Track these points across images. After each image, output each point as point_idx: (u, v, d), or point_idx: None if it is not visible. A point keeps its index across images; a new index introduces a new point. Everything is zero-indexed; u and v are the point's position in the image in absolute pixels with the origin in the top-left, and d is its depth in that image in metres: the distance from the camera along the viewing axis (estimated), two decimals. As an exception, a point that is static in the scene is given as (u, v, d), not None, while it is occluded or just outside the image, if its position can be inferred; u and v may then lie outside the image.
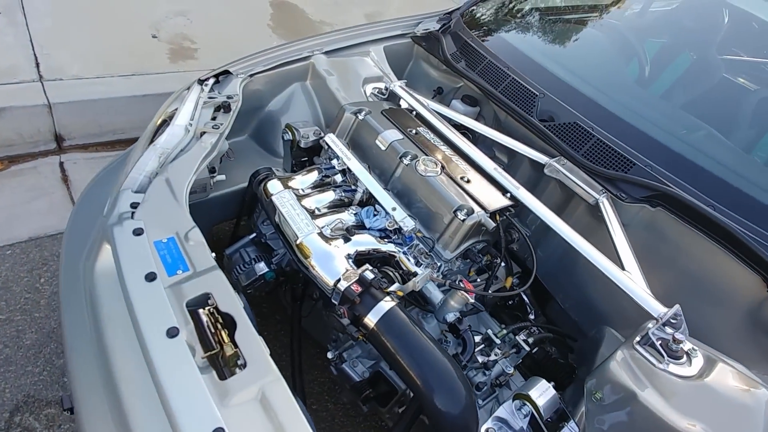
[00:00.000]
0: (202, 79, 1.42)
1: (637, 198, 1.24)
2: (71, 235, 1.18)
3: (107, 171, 1.38)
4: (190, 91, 1.36)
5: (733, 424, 0.87)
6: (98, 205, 1.22)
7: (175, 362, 0.80)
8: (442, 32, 1.79)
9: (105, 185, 1.32)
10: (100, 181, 1.35)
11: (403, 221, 1.10)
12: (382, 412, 1.24)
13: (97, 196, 1.27)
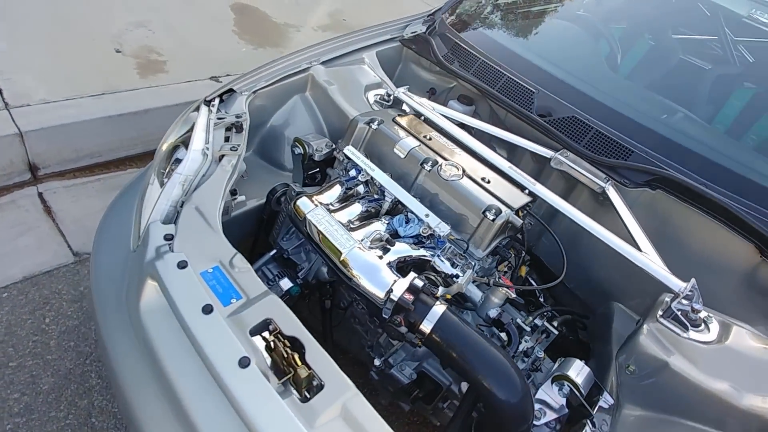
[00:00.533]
0: (208, 100, 1.40)
1: (638, 183, 1.35)
2: (99, 275, 1.15)
3: (117, 202, 1.35)
4: (199, 113, 1.34)
5: (756, 378, 0.99)
6: (119, 240, 1.20)
7: (254, 391, 0.82)
8: (430, 34, 1.84)
9: (119, 217, 1.28)
10: (113, 214, 1.31)
11: (438, 227, 1.15)
12: (427, 409, 1.30)
13: (116, 230, 1.24)
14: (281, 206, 1.37)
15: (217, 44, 3.20)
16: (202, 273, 0.99)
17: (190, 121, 1.38)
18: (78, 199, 2.11)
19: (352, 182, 1.33)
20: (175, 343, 0.94)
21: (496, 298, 1.16)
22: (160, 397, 0.91)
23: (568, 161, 1.41)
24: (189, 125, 1.37)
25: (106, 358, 1.02)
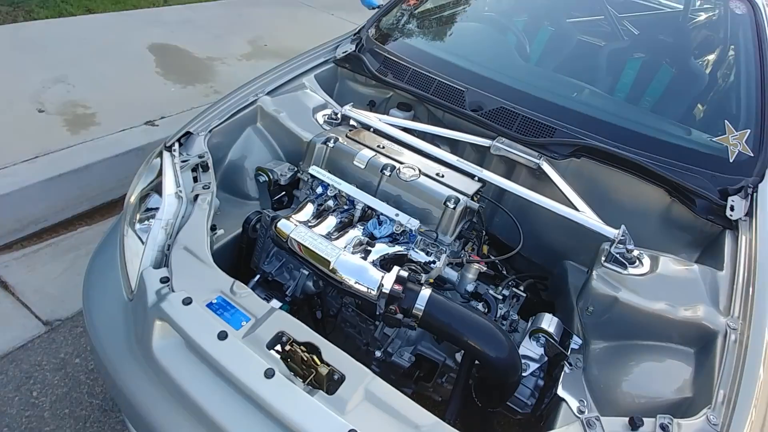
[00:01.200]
0: (169, 145, 1.45)
1: (565, 155, 1.57)
2: (97, 332, 1.17)
3: (96, 260, 1.36)
4: (163, 160, 1.40)
5: (683, 294, 1.21)
6: (109, 294, 1.23)
7: (285, 397, 0.91)
8: (360, 51, 1.99)
9: (102, 273, 1.31)
10: (94, 272, 1.33)
11: (408, 223, 1.29)
12: (427, 387, 1.43)
13: (102, 286, 1.27)
14: (258, 233, 1.45)
15: (144, 88, 3.17)
16: (208, 305, 1.06)
17: (153, 169, 1.43)
18: (33, 268, 2.04)
19: (321, 198, 1.44)
20: (196, 374, 1.01)
21: (470, 274, 1.32)
22: (196, 425, 0.97)
23: (504, 146, 1.61)
24: (154, 173, 1.42)
25: (129, 406, 1.06)
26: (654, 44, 2.17)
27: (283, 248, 1.29)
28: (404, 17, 2.22)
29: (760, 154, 1.57)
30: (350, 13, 5.39)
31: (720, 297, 1.21)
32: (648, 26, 2.36)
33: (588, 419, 0.94)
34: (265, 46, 4.30)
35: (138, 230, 1.33)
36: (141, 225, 1.34)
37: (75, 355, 1.68)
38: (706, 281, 1.25)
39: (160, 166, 1.40)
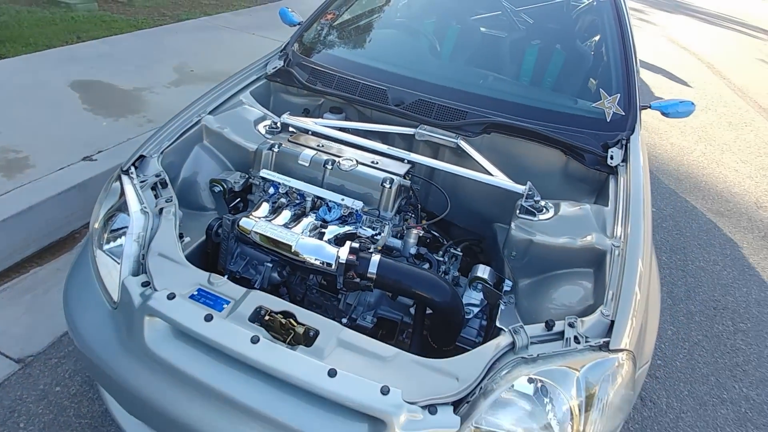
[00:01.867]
0: (125, 169, 1.57)
1: (477, 132, 1.86)
2: (87, 343, 1.27)
3: (71, 283, 1.44)
4: (122, 182, 1.52)
5: (582, 227, 1.51)
6: (92, 308, 1.34)
7: (272, 355, 1.09)
8: (288, 66, 2.19)
9: (79, 292, 1.41)
10: (72, 292, 1.41)
11: (353, 204, 1.50)
12: (391, 344, 1.64)
13: (83, 302, 1.37)
14: (221, 236, 1.61)
15: (74, 126, 3.17)
16: (191, 296, 1.22)
17: (114, 192, 1.54)
18: (-9, 314, 2.05)
19: (275, 197, 1.62)
20: (189, 354, 1.16)
21: (411, 239, 1.55)
22: (198, 398, 1.12)
23: (426, 132, 1.87)
24: (115, 196, 1.53)
25: (133, 398, 1.18)
26: (545, 31, 2.54)
27: (248, 243, 1.46)
28: (324, 30, 2.44)
29: (629, 113, 1.94)
30: (270, 31, 5.56)
31: (606, 225, 1.53)
32: (540, 16, 2.73)
33: (514, 328, 1.19)
34: (191, 71, 4.36)
35: (107, 250, 1.45)
36: (109, 245, 1.45)
37: (54, 384, 1.73)
38: (596, 215, 1.57)
39: (120, 189, 1.52)
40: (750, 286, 2.80)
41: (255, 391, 1.10)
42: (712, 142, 4.75)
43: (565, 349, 1.15)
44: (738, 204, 3.69)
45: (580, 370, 1.12)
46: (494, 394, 1.08)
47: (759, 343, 2.39)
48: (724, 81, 6.84)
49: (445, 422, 1.04)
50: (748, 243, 3.22)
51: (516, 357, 1.14)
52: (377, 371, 1.10)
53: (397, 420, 1.01)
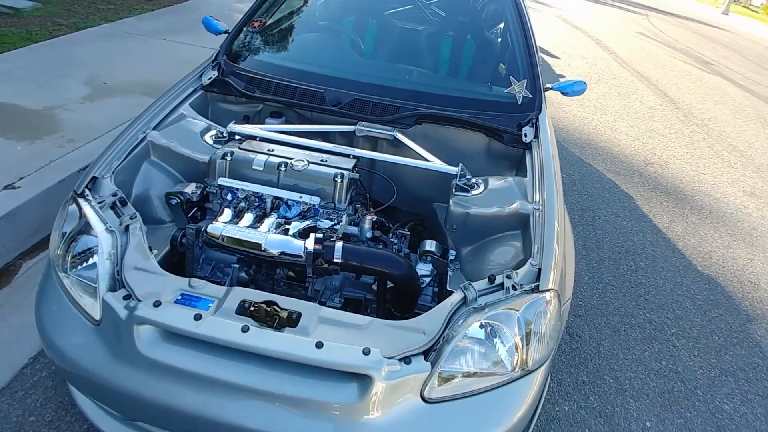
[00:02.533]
0: (79, 192, 1.60)
1: (410, 124, 2.08)
2: (76, 363, 1.32)
3: (42, 310, 1.46)
4: (80, 205, 1.55)
5: (508, 197, 1.79)
6: (71, 329, 1.39)
7: (263, 340, 1.23)
8: (224, 75, 2.26)
9: (53, 320, 1.44)
10: (44, 322, 1.43)
11: (311, 200, 1.66)
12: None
13: (60, 326, 1.41)
14: (185, 245, 1.69)
15: (-14, 153, 2.96)
16: (175, 301, 1.32)
17: (72, 216, 1.56)
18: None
19: (234, 202, 1.73)
20: (182, 353, 1.27)
21: (366, 225, 1.74)
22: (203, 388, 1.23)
23: (365, 128, 2.05)
24: (74, 220, 1.55)
25: (134, 402, 1.27)
26: (456, 23, 2.80)
27: (217, 247, 1.57)
28: (253, 38, 2.52)
29: (536, 95, 2.26)
30: (182, 35, 5.40)
31: (527, 193, 1.82)
32: (449, 8, 2.98)
33: (464, 285, 1.43)
34: (104, 84, 4.17)
35: (74, 273, 1.48)
36: (76, 269, 1.48)
37: (27, 415, 1.72)
38: (518, 186, 1.86)
39: (79, 212, 1.55)
40: (645, 231, 3.33)
41: (252, 373, 1.24)
42: (606, 111, 5.41)
43: (506, 296, 1.41)
44: (630, 164, 4.29)
45: (519, 310, 1.39)
46: (453, 341, 1.32)
47: (655, 276, 2.88)
48: (612, 55, 7.71)
49: (418, 368, 1.26)
50: (641, 195, 3.79)
51: (468, 308, 1.38)
52: (357, 338, 1.29)
53: (379, 373, 1.21)
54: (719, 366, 2.34)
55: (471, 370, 1.33)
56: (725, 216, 3.67)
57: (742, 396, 2.20)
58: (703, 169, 4.39)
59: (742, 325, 2.61)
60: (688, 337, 2.48)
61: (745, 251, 3.27)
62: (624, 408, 2.06)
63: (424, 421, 1.26)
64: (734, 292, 2.87)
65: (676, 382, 2.21)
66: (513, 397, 1.35)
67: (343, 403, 1.22)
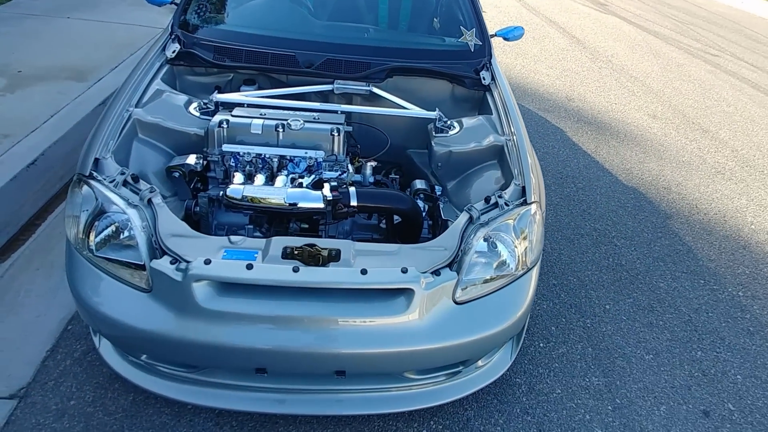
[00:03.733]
0: (85, 174, 1.60)
1: (382, 77, 2.24)
2: (141, 328, 1.40)
3: (82, 296, 1.48)
4: (94, 187, 1.56)
5: (482, 133, 2.05)
6: (124, 302, 1.46)
7: (314, 275, 1.41)
8: (187, 47, 2.24)
9: (99, 297, 1.48)
10: (89, 302, 1.47)
11: (316, 155, 1.80)
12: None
13: (111, 303, 1.46)
14: (200, 213, 1.77)
15: None
16: (223, 257, 1.44)
17: (87, 199, 1.57)
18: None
19: (240, 166, 1.82)
20: (241, 300, 1.41)
21: (368, 171, 1.93)
22: (267, 325, 1.39)
23: (342, 86, 2.19)
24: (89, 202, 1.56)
25: (208, 350, 1.39)
26: None
27: (240, 207, 1.67)
28: (207, 7, 2.49)
29: (485, 42, 2.50)
30: (85, 12, 4.97)
31: (497, 126, 2.09)
32: None
33: (468, 207, 1.68)
34: (19, 72, 3.80)
35: (102, 253, 1.52)
36: (104, 248, 1.52)
37: (67, 400, 1.76)
38: (488, 122, 2.12)
39: (93, 194, 1.56)
40: (578, 157, 3.81)
41: (307, 306, 1.42)
42: (525, 56, 5.85)
43: (502, 212, 1.68)
44: (555, 101, 4.76)
45: (515, 221, 1.67)
46: (470, 252, 1.57)
47: (593, 193, 3.36)
48: (521, 3, 8.18)
49: (448, 277, 1.50)
50: (569, 127, 4.27)
51: (475, 225, 1.64)
52: (392, 261, 1.50)
53: (419, 285, 1.44)
54: (651, 255, 2.86)
55: (486, 277, 1.60)
56: (637, 137, 4.27)
57: (672, 275, 2.73)
58: (614, 99, 4.99)
59: (663, 222, 3.18)
60: (625, 237, 2.98)
61: (656, 164, 3.87)
62: (587, 299, 2.49)
63: (458, 318, 1.52)
64: (653, 197, 3.43)
65: (622, 273, 2.69)
66: (520, 290, 1.65)
67: (394, 315, 1.44)
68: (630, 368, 2.16)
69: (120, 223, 1.51)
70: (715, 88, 5.72)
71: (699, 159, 4.05)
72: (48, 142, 2.94)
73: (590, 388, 2.05)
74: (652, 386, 2.10)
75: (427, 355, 1.49)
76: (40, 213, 2.73)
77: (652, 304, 2.52)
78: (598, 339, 2.28)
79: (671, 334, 2.37)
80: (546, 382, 2.04)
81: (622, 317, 2.42)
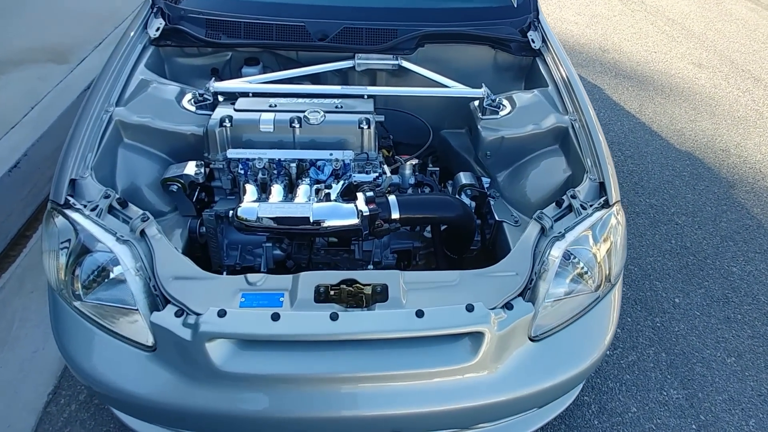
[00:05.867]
0: (61, 202, 1.28)
1: (413, 47, 1.85)
2: (142, 394, 1.14)
3: (70, 352, 1.22)
4: (72, 219, 1.25)
5: (540, 112, 1.67)
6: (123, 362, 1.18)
7: (359, 322, 1.11)
8: (173, 23, 1.85)
9: (92, 357, 1.21)
10: (81, 363, 1.20)
11: (344, 156, 1.46)
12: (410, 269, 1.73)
13: (107, 363, 1.19)
14: (207, 234, 1.46)
15: None
16: (241, 305, 1.14)
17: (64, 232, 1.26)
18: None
19: (252, 176, 1.49)
20: (267, 357, 1.12)
21: (407, 171, 1.58)
22: (301, 388, 1.11)
23: (365, 61, 1.80)
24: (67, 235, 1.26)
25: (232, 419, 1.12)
26: None
27: (255, 230, 1.35)
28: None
29: (529, -7, 2.06)
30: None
31: (557, 104, 1.71)
32: None
33: (537, 215, 1.35)
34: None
35: (92, 298, 1.23)
36: (92, 293, 1.23)
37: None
38: (545, 98, 1.74)
39: (72, 226, 1.25)
40: (621, 120, 3.40)
41: (351, 360, 1.13)
42: (548, 1, 5.26)
43: (579, 218, 1.35)
44: (588, 53, 4.27)
45: (594, 229, 1.34)
46: (546, 275, 1.26)
47: (644, 162, 2.98)
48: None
49: (522, 311, 1.20)
50: (607, 84, 3.82)
51: (549, 238, 1.31)
52: (452, 295, 1.19)
53: (490, 327, 1.14)
54: (718, 234, 2.52)
55: (562, 296, 1.29)
56: (684, 91, 3.81)
57: (744, 256, 2.40)
58: (653, 48, 4.47)
59: (726, 192, 2.81)
60: (686, 213, 2.63)
61: (709, 122, 3.45)
62: (653, 291, 2.18)
63: (535, 359, 1.23)
64: (711, 162, 3.05)
65: (689, 257, 2.37)
66: (604, 314, 1.35)
67: (459, 363, 1.15)
68: (711, 375, 1.89)
69: (105, 263, 1.21)
70: (760, 28, 5.12)
71: (755, 113, 3.61)
72: (30, 140, 2.60)
73: (669, 404, 1.78)
74: (738, 396, 1.83)
75: (499, 407, 1.21)
76: (30, 223, 2.44)
77: (726, 294, 2.21)
78: (671, 341, 1.99)
79: (752, 330, 2.07)
80: (618, 399, 1.78)
81: (695, 312, 2.12)
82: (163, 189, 1.51)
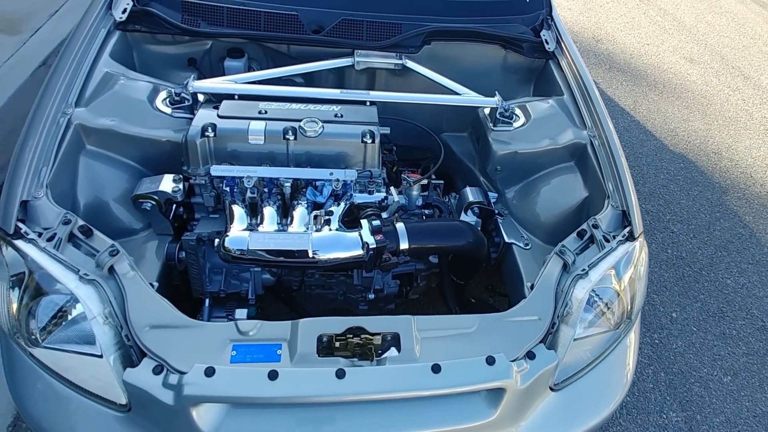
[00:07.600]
0: (9, 234, 1.07)
1: (418, 45, 1.66)
2: None
3: (27, 409, 1.04)
4: (22, 252, 1.04)
5: (555, 124, 1.54)
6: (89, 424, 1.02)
7: (369, 380, 0.98)
8: (143, 4, 1.60)
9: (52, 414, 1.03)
10: (39, 419, 1.03)
11: (346, 176, 1.29)
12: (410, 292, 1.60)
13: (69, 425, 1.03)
14: (186, 260, 1.29)
15: None
16: (232, 360, 0.98)
17: (15, 265, 1.06)
18: None
19: (239, 196, 1.30)
20: (263, 419, 0.98)
21: (415, 192, 1.43)
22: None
23: (365, 59, 1.61)
24: (17, 270, 1.06)
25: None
26: None
27: (244, 262, 1.19)
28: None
29: (541, -13, 1.89)
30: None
31: (574, 116, 1.58)
32: None
33: (560, 249, 1.23)
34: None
35: (51, 343, 1.05)
36: (51, 336, 1.05)
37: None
38: (562, 108, 1.60)
39: (21, 260, 1.05)
40: (616, 116, 3.31)
41: (359, 419, 1.00)
42: (542, -16, 5.07)
43: (604, 253, 1.24)
44: (582, 42, 4.13)
45: (618, 265, 1.24)
46: (571, 318, 1.15)
47: (639, 164, 2.92)
48: None
49: (545, 360, 1.09)
50: (602, 78, 3.71)
51: (572, 276, 1.20)
52: (471, 345, 1.07)
53: (513, 382, 1.03)
54: (712, 243, 2.50)
55: (582, 335, 1.19)
56: (677, 87, 3.75)
57: (738, 267, 2.39)
58: (646, 39, 4.37)
59: (719, 198, 2.79)
60: (681, 220, 2.59)
61: (701, 122, 3.41)
62: (651, 305, 2.14)
63: (557, 411, 1.13)
64: (704, 165, 3.01)
65: (685, 268, 2.34)
66: (624, 354, 1.26)
67: (477, 419, 1.04)
68: (709, 396, 1.87)
69: (64, 304, 1.03)
70: (749, 22, 5.10)
71: (745, 114, 3.59)
72: (-25, 127, 2.30)
73: (669, 427, 1.75)
74: (735, 417, 1.82)
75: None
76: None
77: (721, 307, 2.19)
78: (669, 359, 1.95)
79: (746, 346, 2.06)
80: (619, 423, 1.74)
81: (692, 328, 2.09)
82: (134, 207, 1.31)
